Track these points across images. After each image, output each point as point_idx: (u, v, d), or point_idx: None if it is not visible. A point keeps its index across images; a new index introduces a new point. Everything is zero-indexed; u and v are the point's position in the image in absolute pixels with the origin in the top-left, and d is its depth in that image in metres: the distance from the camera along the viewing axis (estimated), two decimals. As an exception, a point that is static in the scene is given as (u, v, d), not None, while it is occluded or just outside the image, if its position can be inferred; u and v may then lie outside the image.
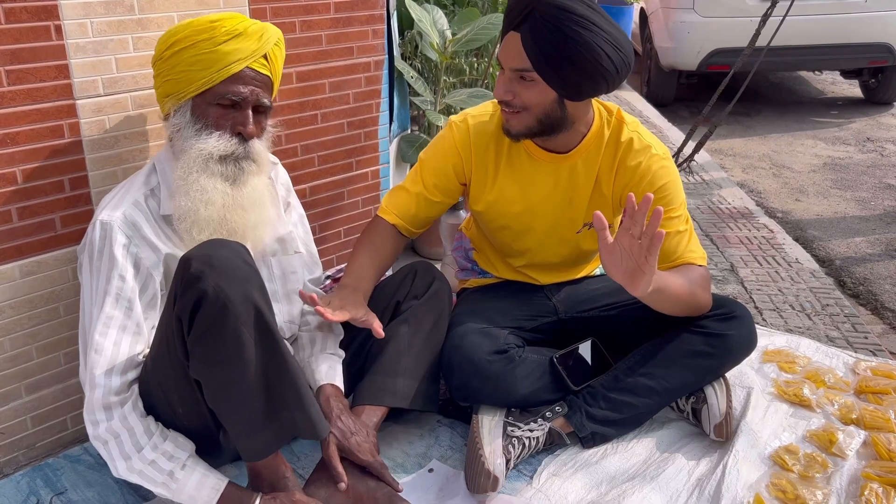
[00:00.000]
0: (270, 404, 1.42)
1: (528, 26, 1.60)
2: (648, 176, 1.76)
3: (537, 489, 1.64)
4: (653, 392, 1.78)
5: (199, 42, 1.51)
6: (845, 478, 1.68)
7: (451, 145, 1.85)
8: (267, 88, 1.60)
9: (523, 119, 1.69)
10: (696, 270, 1.78)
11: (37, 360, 1.73)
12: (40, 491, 1.65)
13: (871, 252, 3.54)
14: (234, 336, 1.37)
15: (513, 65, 1.64)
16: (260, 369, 1.40)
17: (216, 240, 1.46)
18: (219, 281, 1.35)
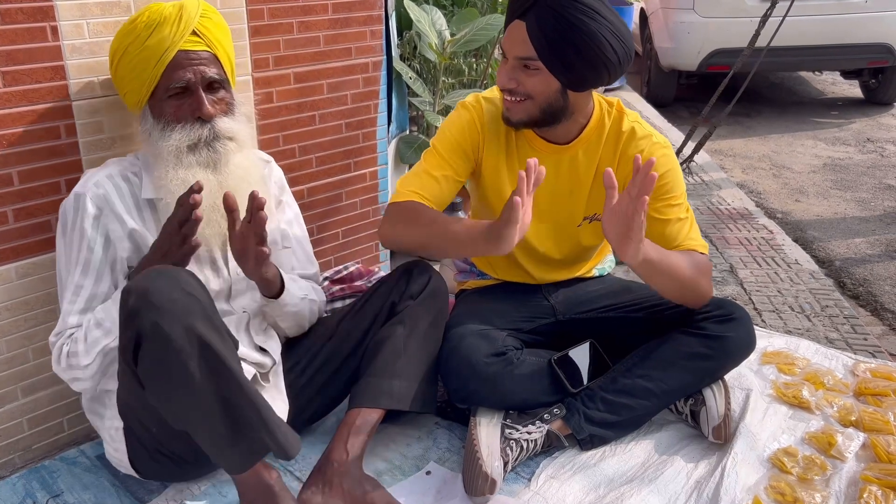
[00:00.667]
0: (235, 427, 1.40)
1: (533, 14, 1.61)
2: None
3: (535, 492, 1.64)
4: (651, 394, 1.78)
5: (128, 47, 1.52)
6: (844, 480, 1.67)
7: (470, 122, 1.81)
8: (211, 63, 1.57)
9: (526, 107, 1.69)
10: (698, 256, 1.78)
11: (33, 363, 1.72)
12: (36, 493, 1.65)
13: (871, 253, 3.54)
14: (181, 370, 1.35)
15: (517, 53, 1.64)
16: (214, 397, 1.37)
17: (156, 269, 1.42)
18: (156, 318, 1.33)
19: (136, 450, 1.57)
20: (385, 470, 1.73)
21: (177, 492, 1.65)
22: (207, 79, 1.55)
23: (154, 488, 1.66)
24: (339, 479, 1.56)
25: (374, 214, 2.43)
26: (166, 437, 1.51)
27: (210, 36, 1.56)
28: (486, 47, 3.21)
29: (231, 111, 1.60)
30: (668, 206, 1.78)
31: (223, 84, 1.58)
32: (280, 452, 1.43)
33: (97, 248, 1.53)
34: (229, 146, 1.57)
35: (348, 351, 1.78)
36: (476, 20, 2.85)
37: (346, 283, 2.21)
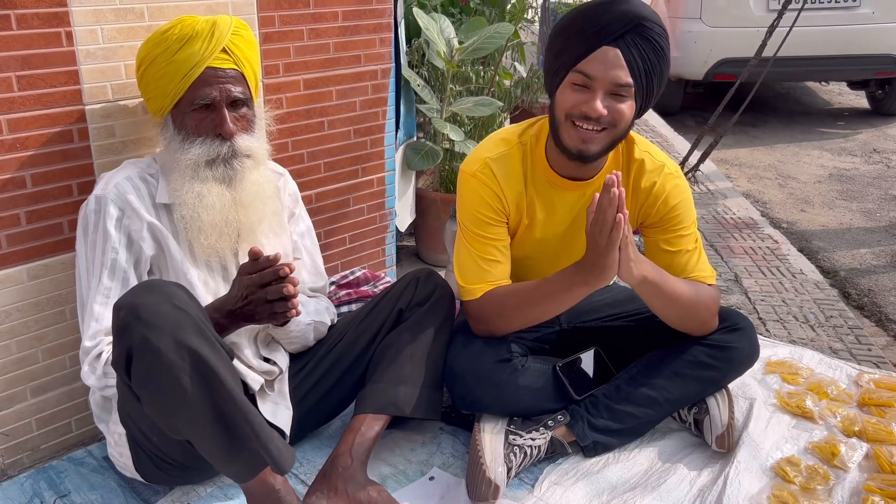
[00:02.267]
0: (232, 439, 1.39)
1: (630, 41, 1.57)
2: (663, 196, 1.76)
3: (538, 497, 1.65)
4: (655, 402, 1.78)
5: (157, 57, 1.54)
6: (847, 490, 1.68)
7: (488, 192, 1.75)
8: (238, 81, 1.58)
9: (606, 136, 1.65)
10: (705, 288, 1.78)
11: (42, 363, 1.74)
12: (44, 493, 1.66)
13: (877, 264, 3.54)
14: (174, 383, 1.34)
15: (617, 79, 1.58)
16: (209, 409, 1.37)
17: (146, 283, 1.44)
18: (145, 332, 1.32)
19: (140, 456, 1.58)
20: (389, 475, 1.74)
21: (182, 493, 1.67)
22: (232, 97, 1.57)
23: (160, 490, 1.68)
24: (344, 484, 1.58)
25: (381, 220, 2.44)
26: (167, 446, 1.52)
27: (239, 54, 1.58)
28: (494, 55, 3.23)
29: (251, 129, 1.62)
30: (678, 236, 1.78)
31: (247, 102, 1.60)
32: (274, 466, 1.42)
33: (121, 249, 1.54)
34: (246, 163, 1.60)
35: (355, 356, 1.80)
36: (484, 28, 2.87)
37: (352, 287, 2.23)
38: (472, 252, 1.77)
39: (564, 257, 1.84)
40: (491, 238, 1.77)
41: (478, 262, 1.76)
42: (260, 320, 1.54)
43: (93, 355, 1.52)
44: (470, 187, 1.77)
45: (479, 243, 1.77)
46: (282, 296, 1.47)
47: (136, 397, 1.40)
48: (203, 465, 1.56)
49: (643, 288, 1.66)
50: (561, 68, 1.64)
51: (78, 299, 1.59)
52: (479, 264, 1.76)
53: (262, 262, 1.48)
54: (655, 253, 1.82)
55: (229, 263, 1.69)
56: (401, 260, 2.99)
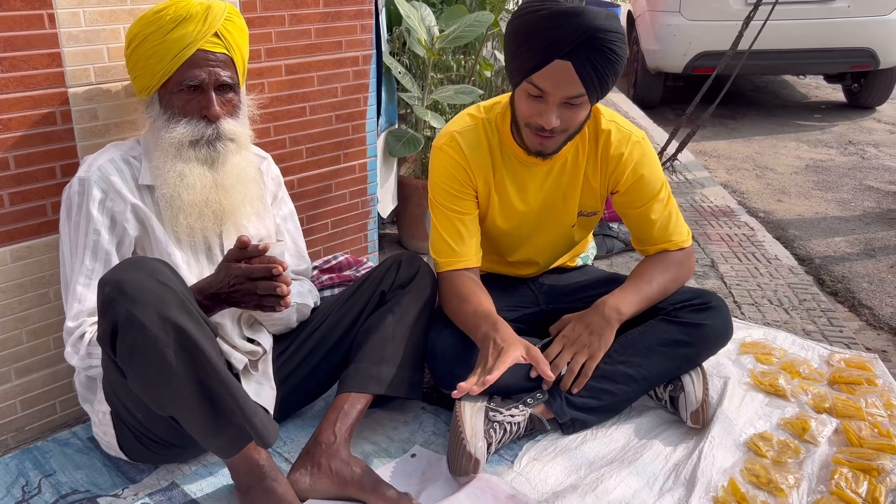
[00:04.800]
0: (217, 414, 1.41)
1: (581, 53, 1.58)
2: (631, 163, 1.83)
3: (518, 472, 1.68)
4: (631, 380, 1.83)
5: (149, 36, 1.55)
6: (817, 463, 1.73)
7: (454, 164, 1.82)
8: (226, 66, 1.61)
9: (559, 139, 1.70)
10: (670, 257, 1.86)
11: (27, 345, 1.75)
12: (29, 473, 1.68)
13: (850, 251, 3.61)
14: (158, 357, 1.36)
15: (568, 93, 1.62)
16: (194, 384, 1.39)
17: (130, 260, 1.46)
18: (130, 307, 1.34)
19: (124, 434, 1.60)
20: (372, 452, 1.77)
21: (167, 472, 1.69)
22: (220, 81, 1.58)
23: (145, 468, 1.69)
24: (328, 460, 1.60)
25: (363, 206, 2.47)
26: (152, 422, 1.54)
27: (230, 39, 1.60)
28: (474, 44, 3.25)
29: (236, 113, 1.64)
30: (651, 204, 1.86)
31: (234, 87, 1.62)
32: (258, 440, 1.45)
33: (104, 230, 1.56)
34: (230, 147, 1.62)
35: (338, 337, 1.82)
36: (464, 17, 2.89)
37: (334, 272, 2.25)
38: (441, 226, 1.83)
39: (540, 230, 1.91)
40: (458, 211, 1.82)
41: (444, 237, 1.83)
42: (245, 307, 1.57)
43: (76, 336, 1.53)
44: (438, 160, 1.83)
45: (445, 217, 1.83)
46: (273, 293, 1.50)
47: (121, 373, 1.42)
48: (187, 442, 1.58)
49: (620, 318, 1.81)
50: (515, 73, 1.67)
51: (62, 280, 1.60)
52: (447, 239, 1.82)
53: (250, 250, 1.50)
54: (634, 224, 1.90)
55: (213, 245, 1.71)
56: (383, 247, 3.02)
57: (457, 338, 1.78)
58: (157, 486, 1.65)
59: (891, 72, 5.88)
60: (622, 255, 3.02)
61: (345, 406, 1.69)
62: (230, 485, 1.61)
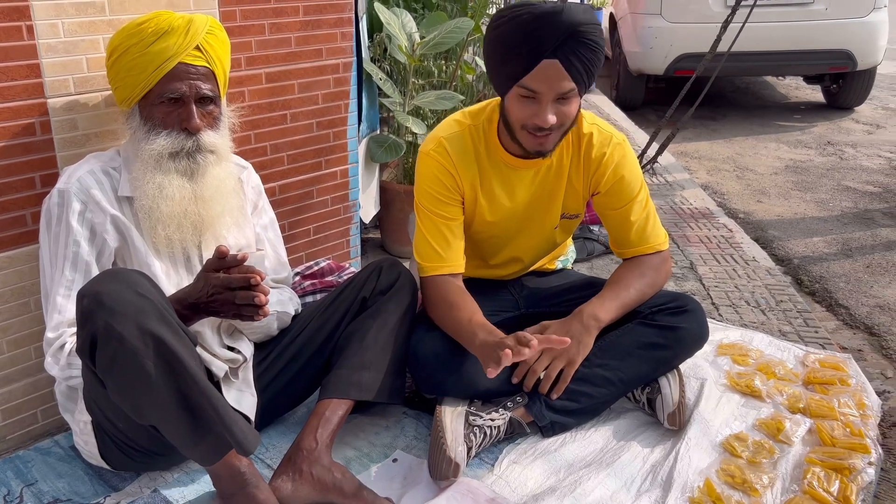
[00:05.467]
0: (197, 422, 1.42)
1: (566, 50, 1.63)
2: (612, 165, 1.87)
3: (498, 476, 1.70)
4: (609, 383, 1.85)
5: (130, 48, 1.56)
6: (790, 463, 1.76)
7: (440, 169, 1.85)
8: (207, 78, 1.62)
9: (558, 134, 1.74)
10: (647, 262, 1.89)
11: (7, 354, 1.76)
12: (11, 482, 1.68)
13: (828, 251, 3.66)
14: (137, 368, 1.37)
15: (560, 90, 1.66)
16: (173, 393, 1.40)
17: (109, 272, 1.47)
18: (108, 319, 1.35)
19: (106, 443, 1.61)
20: (354, 457, 1.79)
21: (150, 479, 1.70)
22: (201, 94, 1.60)
23: (126, 476, 1.71)
24: (309, 467, 1.62)
25: (345, 212, 2.48)
26: (133, 432, 1.55)
27: (212, 52, 1.62)
28: (455, 50, 3.28)
29: (216, 125, 1.65)
30: (630, 206, 1.90)
31: (214, 100, 1.64)
32: (238, 448, 1.46)
33: (83, 242, 1.57)
34: (209, 158, 1.63)
35: (319, 344, 1.84)
36: (445, 23, 2.91)
37: (317, 278, 2.27)
38: (427, 231, 1.86)
39: (524, 232, 1.94)
40: (444, 216, 1.85)
41: (430, 242, 1.85)
42: (224, 316, 1.58)
43: (55, 346, 1.54)
44: (426, 165, 1.86)
45: (432, 222, 1.85)
46: (251, 303, 1.51)
47: (101, 383, 1.43)
48: (169, 451, 1.60)
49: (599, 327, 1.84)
50: (505, 80, 1.70)
51: (42, 291, 1.61)
52: (432, 244, 1.85)
53: (228, 260, 1.51)
54: (612, 226, 1.94)
55: (192, 255, 1.72)
56: (366, 252, 3.03)
57: (438, 343, 1.80)
58: (139, 493, 1.66)
59: (868, 73, 5.96)
60: (602, 257, 3.05)
61: (326, 412, 1.70)
62: (212, 492, 1.63)
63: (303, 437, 1.66)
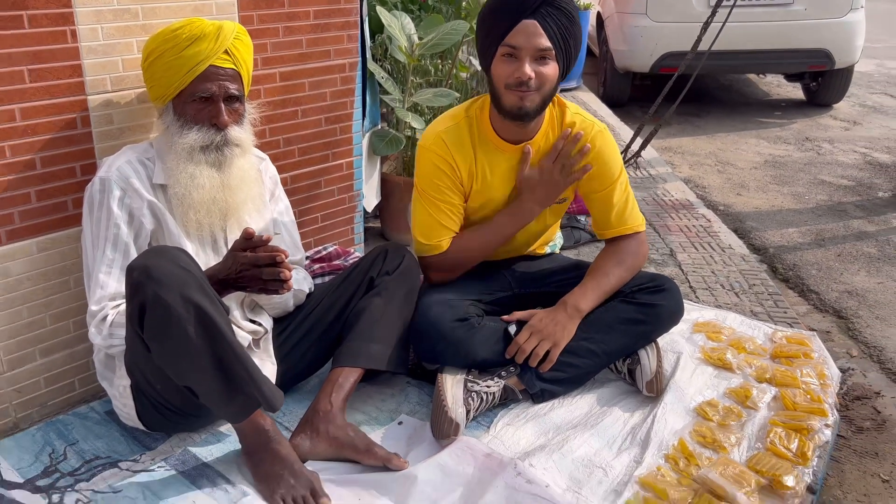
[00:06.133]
0: (230, 383, 1.61)
1: (543, 12, 1.87)
2: (593, 151, 2.06)
3: (494, 436, 1.90)
4: (594, 354, 2.05)
5: (165, 52, 1.74)
6: (756, 425, 1.96)
7: (441, 160, 2.03)
8: (234, 79, 1.81)
9: (535, 97, 1.93)
10: (625, 248, 2.11)
11: (50, 327, 1.94)
12: (54, 442, 1.86)
13: (802, 241, 3.87)
14: (180, 333, 1.55)
15: (539, 45, 1.87)
16: (210, 357, 1.58)
17: (154, 248, 1.67)
18: (156, 289, 1.53)
19: (143, 405, 1.79)
20: (363, 421, 1.98)
21: (180, 440, 1.88)
22: (229, 93, 1.78)
23: (159, 437, 1.88)
24: (325, 426, 1.81)
25: (350, 201, 2.67)
26: (169, 393, 1.73)
27: (238, 56, 1.80)
28: (451, 50, 3.46)
29: (241, 121, 1.84)
30: (611, 190, 2.09)
31: (240, 98, 1.82)
32: (266, 405, 1.65)
33: (123, 224, 1.75)
34: (235, 151, 1.82)
35: (331, 319, 2.02)
36: (441, 25, 3.10)
37: (324, 262, 2.45)
38: (431, 214, 2.06)
39: None
40: (447, 202, 2.06)
41: (437, 221, 2.06)
42: (250, 291, 1.77)
43: (98, 318, 1.72)
44: (426, 159, 2.05)
45: (436, 208, 2.06)
46: (277, 278, 1.70)
47: (146, 348, 1.61)
48: (200, 412, 1.78)
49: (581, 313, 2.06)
50: (491, 45, 1.93)
51: (84, 270, 1.79)
52: (440, 221, 2.06)
53: (255, 241, 1.70)
54: (595, 209, 2.15)
55: (218, 238, 1.90)
56: (367, 239, 3.22)
57: (440, 317, 1.98)
58: (171, 452, 1.84)
59: (846, 71, 6.16)
60: (588, 245, 3.25)
61: (339, 379, 1.89)
62: (237, 450, 1.81)
63: (318, 401, 1.85)
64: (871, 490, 2.28)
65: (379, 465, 1.76)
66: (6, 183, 1.77)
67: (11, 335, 1.87)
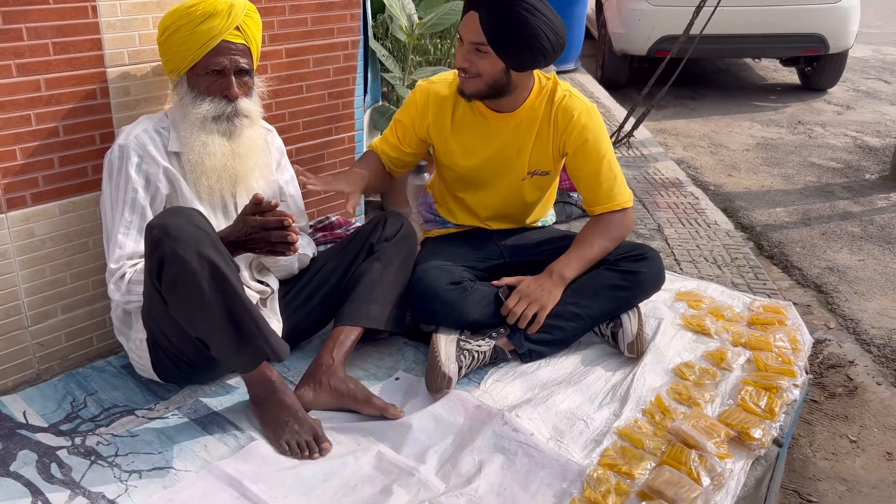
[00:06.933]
0: (240, 334, 1.73)
1: (484, 8, 1.98)
2: (580, 126, 2.17)
3: (484, 391, 2.03)
4: (579, 318, 2.18)
5: (181, 27, 1.86)
6: (729, 384, 2.09)
7: (413, 105, 2.25)
8: (245, 54, 1.92)
9: (476, 83, 2.08)
10: (610, 219, 2.23)
11: (70, 285, 2.07)
12: (75, 392, 2.00)
13: (789, 220, 4.00)
14: (195, 286, 1.66)
15: (471, 39, 2.02)
16: (222, 309, 1.68)
17: (172, 209, 1.78)
18: (174, 246, 1.64)
19: (158, 357, 1.92)
20: (362, 377, 2.11)
21: (192, 391, 2.01)
22: (239, 67, 1.90)
23: (172, 388, 2.01)
24: (327, 379, 1.94)
25: (352, 174, 2.79)
26: (184, 345, 1.86)
27: (249, 32, 1.92)
28: (450, 30, 3.57)
29: (250, 93, 1.96)
30: (601, 164, 2.21)
31: (249, 72, 1.94)
32: (273, 356, 1.78)
33: (140, 189, 1.87)
34: (244, 122, 1.94)
35: (334, 282, 2.16)
36: (441, 6, 3.21)
37: (327, 231, 2.58)
38: (388, 130, 2.34)
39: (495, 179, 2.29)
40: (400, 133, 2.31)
41: (384, 138, 2.35)
42: (259, 252, 1.90)
43: (117, 275, 1.86)
44: (413, 94, 2.29)
45: (393, 129, 2.33)
46: (285, 241, 1.83)
47: (163, 301, 1.74)
48: (211, 364, 1.91)
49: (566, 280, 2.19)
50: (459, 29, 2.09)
51: (103, 231, 1.92)
52: (384, 139, 2.36)
53: (263, 206, 1.83)
54: (583, 187, 2.27)
55: (228, 203, 2.03)
56: (367, 212, 3.34)
57: (435, 280, 2.12)
58: (183, 402, 1.97)
59: (840, 56, 6.27)
60: (579, 220, 3.38)
61: (340, 336, 2.02)
62: (245, 400, 1.95)
63: (321, 356, 1.99)
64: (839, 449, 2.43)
65: (377, 414, 1.90)
66: (32, 149, 1.90)
67: (35, 292, 2.00)
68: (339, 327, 2.05)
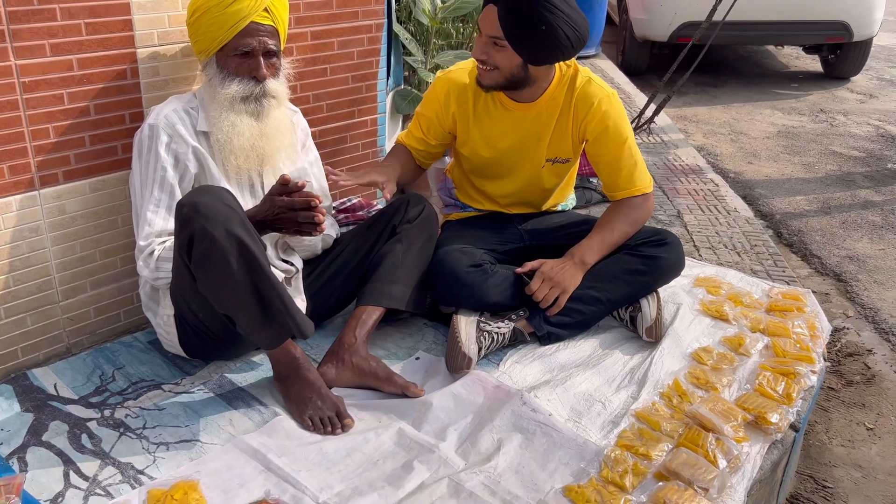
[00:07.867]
0: (266, 311, 1.77)
1: (503, 3, 1.99)
2: (600, 112, 2.19)
3: (503, 372, 2.06)
4: (598, 302, 2.20)
5: (210, 9, 1.88)
6: (747, 370, 2.11)
7: (435, 98, 2.27)
8: (273, 35, 1.95)
9: (494, 76, 2.10)
10: (631, 203, 2.24)
11: (99, 262, 2.12)
12: (103, 366, 2.05)
13: (809, 209, 3.99)
14: (223, 263, 1.70)
15: (489, 32, 2.04)
16: (249, 286, 1.73)
17: (202, 187, 1.82)
18: (204, 223, 1.68)
19: (185, 332, 1.97)
20: (383, 356, 2.14)
21: (217, 367, 2.06)
22: (267, 48, 1.93)
23: (197, 364, 2.06)
24: (350, 356, 1.98)
25: (374, 156, 2.82)
26: (211, 321, 1.90)
27: (276, 14, 1.94)
28: (473, 14, 3.58)
29: (278, 74, 1.99)
30: (619, 153, 2.22)
31: (277, 53, 1.97)
32: (298, 332, 1.82)
33: (169, 168, 1.91)
34: (272, 102, 1.97)
35: (356, 262, 2.19)
36: (464, -11, 3.22)
37: (349, 212, 2.62)
38: (412, 125, 2.35)
39: (515, 166, 2.31)
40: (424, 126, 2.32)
41: (409, 132, 2.37)
42: (286, 232, 1.93)
43: (146, 252, 1.90)
44: (433, 86, 2.30)
45: (417, 123, 2.35)
46: (311, 221, 1.86)
47: (192, 277, 1.78)
48: (237, 340, 1.95)
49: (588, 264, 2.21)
50: None
51: (133, 209, 1.96)
52: (410, 133, 2.37)
53: (290, 186, 1.86)
54: (604, 173, 2.28)
55: (255, 183, 2.06)
56: (388, 195, 3.38)
57: (456, 263, 2.14)
58: (209, 377, 2.02)
59: (864, 44, 6.20)
60: (599, 205, 3.40)
61: (363, 316, 2.06)
62: (269, 377, 1.99)
63: (344, 334, 2.03)
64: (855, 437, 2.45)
65: (398, 392, 1.93)
66: (64, 127, 1.94)
67: (65, 268, 2.05)
68: (361, 307, 2.08)
